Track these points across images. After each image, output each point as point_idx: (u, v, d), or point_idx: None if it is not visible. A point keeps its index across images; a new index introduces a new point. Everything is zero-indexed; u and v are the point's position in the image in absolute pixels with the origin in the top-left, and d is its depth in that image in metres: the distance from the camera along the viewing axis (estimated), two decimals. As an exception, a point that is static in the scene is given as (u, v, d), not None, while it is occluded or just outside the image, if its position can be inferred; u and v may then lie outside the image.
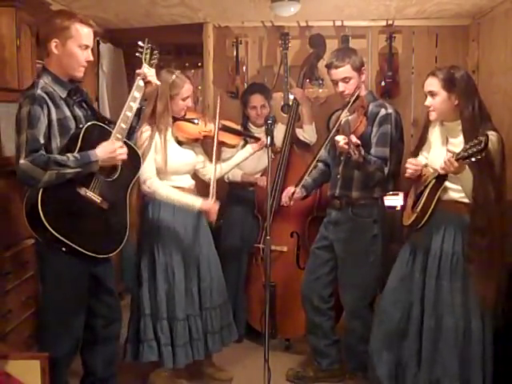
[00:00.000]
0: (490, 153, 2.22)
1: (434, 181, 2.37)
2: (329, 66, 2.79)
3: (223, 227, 3.61)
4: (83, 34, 2.26)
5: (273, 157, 3.46)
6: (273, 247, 3.32)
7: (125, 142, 2.34)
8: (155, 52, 2.53)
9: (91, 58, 2.33)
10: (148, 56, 2.49)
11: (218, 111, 2.90)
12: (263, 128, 3.46)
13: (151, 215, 2.77)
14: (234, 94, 4.19)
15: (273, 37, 4.21)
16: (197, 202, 2.72)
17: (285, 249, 3.38)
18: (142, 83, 2.41)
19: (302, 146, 3.55)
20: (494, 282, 2.28)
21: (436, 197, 2.37)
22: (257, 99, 3.50)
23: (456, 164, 2.17)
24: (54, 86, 2.25)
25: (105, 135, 2.29)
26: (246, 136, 3.23)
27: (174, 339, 2.76)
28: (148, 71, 2.44)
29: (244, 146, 3.12)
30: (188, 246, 2.81)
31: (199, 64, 4.76)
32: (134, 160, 2.42)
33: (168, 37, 4.54)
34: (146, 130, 2.69)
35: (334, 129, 2.73)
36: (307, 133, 3.51)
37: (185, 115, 2.82)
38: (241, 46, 4.20)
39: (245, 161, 3.06)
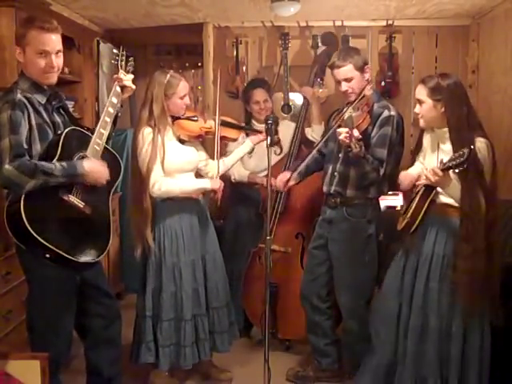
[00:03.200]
0: (479, 161, 2.23)
1: (423, 188, 2.38)
2: (331, 66, 2.79)
3: (227, 226, 3.62)
4: (41, 39, 2.16)
5: (278, 154, 3.47)
6: (277, 248, 3.34)
7: (105, 148, 2.35)
8: (130, 59, 2.55)
9: (54, 64, 2.22)
10: (124, 63, 2.51)
11: (217, 104, 2.89)
12: None
13: (157, 217, 2.77)
14: (234, 94, 4.19)
15: (273, 37, 4.21)
16: (207, 183, 2.78)
17: (289, 250, 3.38)
18: (119, 89, 2.43)
19: (310, 145, 3.53)
20: (476, 288, 2.28)
21: (426, 203, 2.37)
22: (259, 93, 3.49)
23: (440, 173, 2.18)
24: (33, 91, 2.20)
25: (84, 141, 2.28)
26: (246, 130, 3.22)
27: (182, 340, 2.76)
28: (124, 77, 2.45)
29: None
30: (194, 246, 2.82)
31: (199, 64, 4.77)
32: (115, 165, 2.42)
33: (168, 37, 4.55)
34: (147, 132, 2.69)
35: (336, 123, 2.72)
36: (316, 132, 3.49)
37: (184, 114, 2.82)
38: (241, 46, 4.20)
39: (249, 158, 3.05)
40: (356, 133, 2.48)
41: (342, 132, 2.50)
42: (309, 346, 3.16)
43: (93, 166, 2.25)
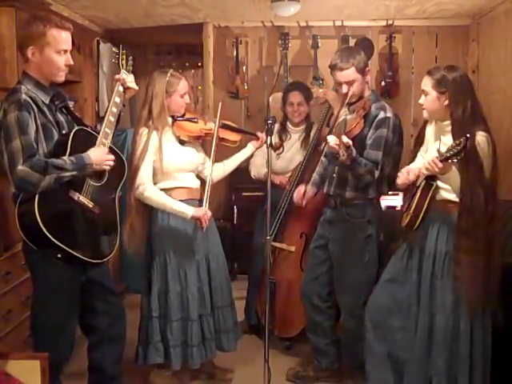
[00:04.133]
0: (478, 155, 2.22)
1: (424, 182, 2.38)
2: (333, 68, 2.74)
3: (256, 225, 3.67)
4: (60, 39, 2.19)
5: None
6: (279, 245, 3.40)
7: (110, 147, 2.35)
8: (130, 58, 2.55)
9: (71, 62, 2.27)
10: (124, 62, 2.51)
11: (219, 110, 2.89)
12: (302, 128, 3.52)
13: (160, 218, 2.77)
14: (234, 94, 4.20)
15: (273, 37, 4.22)
16: (189, 210, 2.69)
17: (293, 249, 3.40)
18: (121, 88, 2.43)
19: None
20: (479, 283, 2.27)
21: (428, 197, 2.37)
22: (295, 96, 3.49)
23: (440, 164, 2.17)
24: (37, 91, 2.20)
25: (91, 140, 2.29)
26: (246, 133, 3.21)
27: (189, 340, 2.76)
28: (126, 77, 2.45)
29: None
30: (198, 246, 2.82)
31: (199, 64, 4.77)
32: (119, 164, 2.43)
33: (168, 37, 4.56)
34: (144, 134, 2.69)
35: (334, 127, 2.72)
36: None
37: (184, 114, 2.82)
38: (241, 46, 4.21)
39: (277, 159, 3.14)
40: (345, 139, 2.45)
41: (331, 140, 2.49)
42: (309, 345, 3.16)
43: (97, 154, 2.26)
